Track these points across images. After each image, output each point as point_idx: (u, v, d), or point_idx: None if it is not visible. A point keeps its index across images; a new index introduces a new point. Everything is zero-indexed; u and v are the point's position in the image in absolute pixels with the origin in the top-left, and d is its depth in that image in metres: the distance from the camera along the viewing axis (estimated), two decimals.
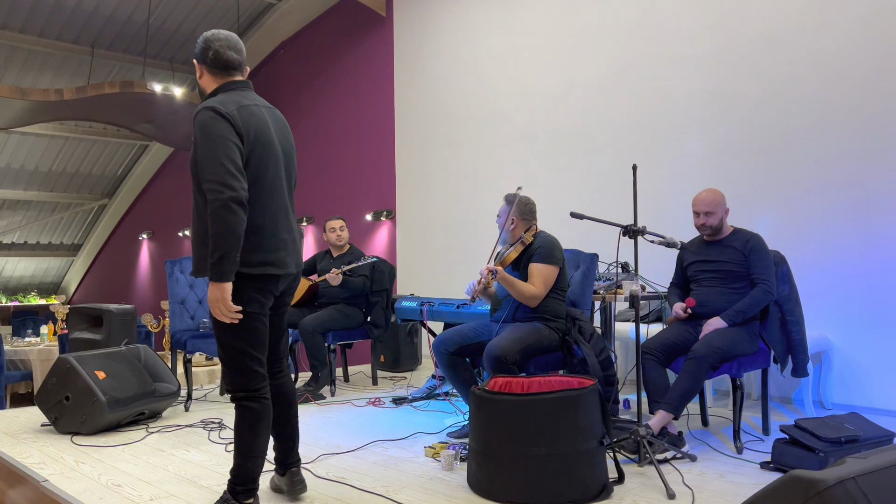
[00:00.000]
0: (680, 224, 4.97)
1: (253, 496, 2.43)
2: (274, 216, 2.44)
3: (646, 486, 2.71)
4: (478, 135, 6.65)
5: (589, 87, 5.76)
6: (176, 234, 12.08)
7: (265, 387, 2.44)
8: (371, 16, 7.96)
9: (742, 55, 4.82)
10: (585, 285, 3.82)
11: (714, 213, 3.50)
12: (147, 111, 9.07)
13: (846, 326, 4.32)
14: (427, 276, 7.10)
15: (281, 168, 2.48)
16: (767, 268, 3.40)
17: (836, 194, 4.38)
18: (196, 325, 4.83)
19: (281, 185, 2.48)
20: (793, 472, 1.53)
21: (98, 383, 3.69)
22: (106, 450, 3.38)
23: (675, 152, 5.17)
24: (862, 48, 4.28)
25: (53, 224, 14.21)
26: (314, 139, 8.97)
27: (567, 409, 2.55)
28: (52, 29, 9.31)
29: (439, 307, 4.44)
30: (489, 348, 3.21)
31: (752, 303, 3.36)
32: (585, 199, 5.71)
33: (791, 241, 4.46)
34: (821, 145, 4.45)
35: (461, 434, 3.48)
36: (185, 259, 4.94)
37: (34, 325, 9.34)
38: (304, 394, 4.58)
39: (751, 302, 3.36)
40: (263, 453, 2.44)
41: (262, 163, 2.40)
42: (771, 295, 3.37)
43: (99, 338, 4.67)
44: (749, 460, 3.08)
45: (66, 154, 12.36)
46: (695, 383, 3.17)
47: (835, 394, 4.35)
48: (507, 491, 2.55)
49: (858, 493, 1.45)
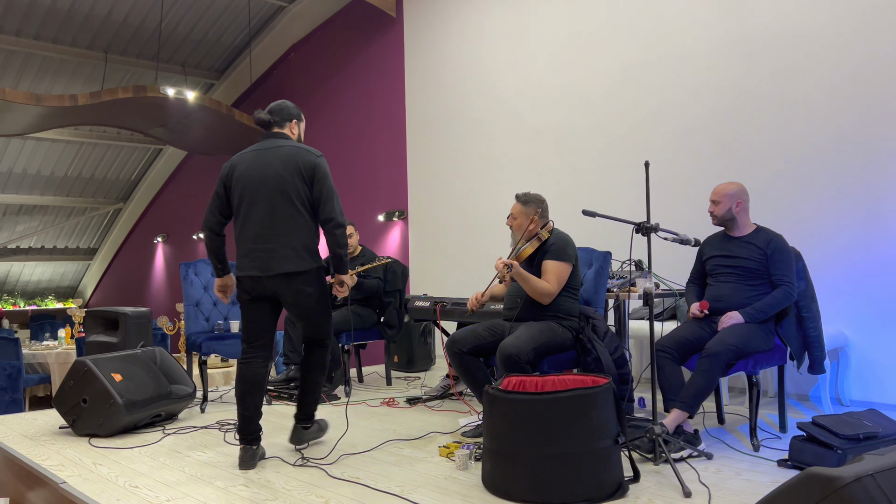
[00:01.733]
0: (693, 221, 4.94)
1: (244, 443, 3.09)
2: (246, 234, 3.18)
3: (661, 484, 2.70)
4: (489, 133, 6.64)
5: (600, 84, 5.74)
6: (190, 237, 12.15)
7: (248, 357, 3.19)
8: (381, 16, 7.98)
9: (754, 50, 4.78)
10: (599, 283, 3.81)
11: (720, 202, 3.48)
12: (160, 115, 9.14)
13: (863, 322, 4.27)
14: (440, 276, 7.10)
15: (257, 197, 3.14)
16: (790, 269, 3.37)
17: (851, 189, 4.34)
18: (211, 326, 4.86)
19: (255, 210, 3.15)
20: (810, 470, 1.52)
21: (115, 386, 3.72)
22: (123, 451, 3.41)
23: (688, 149, 5.14)
24: (873, 42, 4.23)
25: (70, 228, 14.35)
26: (326, 141, 9.00)
27: (581, 408, 2.54)
28: (66, 35, 9.40)
29: (451, 307, 4.44)
30: (502, 347, 3.21)
31: (773, 303, 3.34)
32: (598, 197, 5.69)
33: (807, 237, 4.42)
34: (835, 141, 4.40)
35: (475, 434, 3.48)
36: (200, 262, 4.97)
37: (52, 328, 9.43)
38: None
39: (771, 302, 3.34)
40: (244, 410, 3.09)
41: (237, 198, 3.20)
42: (792, 297, 3.34)
43: (115, 341, 4.71)
44: (766, 458, 3.05)
45: (81, 159, 12.48)
46: (710, 381, 3.15)
47: (853, 390, 4.30)
48: (521, 490, 2.54)
49: (877, 490, 1.44)
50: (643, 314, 4.87)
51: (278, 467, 3.08)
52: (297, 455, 3.26)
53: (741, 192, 3.50)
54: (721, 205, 3.49)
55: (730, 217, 3.50)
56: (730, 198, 3.49)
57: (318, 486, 2.79)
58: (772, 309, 3.34)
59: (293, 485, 2.82)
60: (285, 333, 4.88)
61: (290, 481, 2.86)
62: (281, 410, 4.39)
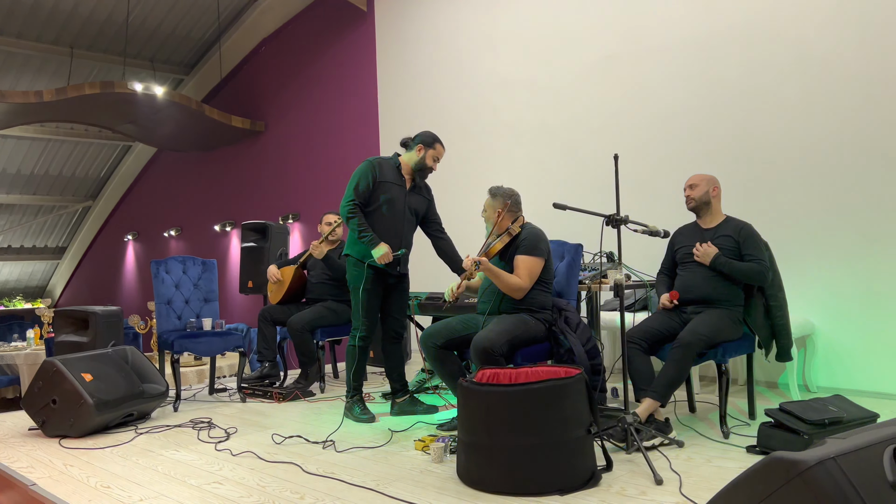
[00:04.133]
0: (663, 213, 4.99)
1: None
2: None
3: (634, 472, 2.74)
4: (462, 128, 6.65)
5: (571, 77, 5.77)
6: (161, 234, 12.00)
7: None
8: (352, 11, 7.93)
9: (722, 43, 4.84)
10: (571, 275, 3.84)
11: (698, 185, 3.54)
12: (129, 111, 9.00)
13: (829, 311, 4.36)
14: (415, 271, 7.09)
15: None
16: (761, 252, 3.43)
17: (817, 179, 4.42)
18: (183, 325, 4.82)
19: None
20: (774, 454, 1.55)
21: (85, 386, 3.67)
22: (94, 452, 3.37)
23: (658, 141, 5.20)
24: (839, 34, 4.31)
25: (37, 227, 14.09)
26: (298, 135, 8.94)
27: (554, 399, 2.57)
28: (30, 30, 9.21)
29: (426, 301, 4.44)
30: (476, 340, 3.23)
31: (745, 269, 3.37)
32: (569, 190, 5.72)
33: (774, 227, 4.50)
34: (800, 130, 4.48)
35: (450, 426, 3.50)
36: (171, 259, 4.92)
37: (20, 329, 9.25)
38: (293, 391, 4.58)
39: (744, 268, 3.37)
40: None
41: None
42: (764, 276, 3.38)
43: (85, 340, 4.64)
44: (736, 445, 3.11)
45: (48, 156, 12.25)
46: (681, 370, 3.20)
47: (819, 377, 4.40)
48: (496, 481, 2.56)
49: (839, 472, 1.47)
50: (615, 305, 4.92)
51: (253, 464, 3.07)
52: (272, 451, 3.25)
53: (715, 179, 3.57)
54: (698, 188, 3.54)
55: (706, 201, 3.54)
56: (707, 181, 3.55)
57: (293, 482, 2.78)
58: (742, 274, 3.37)
59: (268, 481, 2.81)
60: (259, 331, 4.85)
61: (265, 478, 2.86)
62: (255, 408, 4.37)
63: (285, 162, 9.22)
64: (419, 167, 3.93)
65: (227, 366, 6.34)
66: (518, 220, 3.59)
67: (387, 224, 3.86)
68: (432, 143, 3.93)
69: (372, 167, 3.86)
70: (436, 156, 3.94)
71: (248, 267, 5.83)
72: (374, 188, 3.84)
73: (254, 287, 5.76)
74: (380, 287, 3.90)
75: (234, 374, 6.09)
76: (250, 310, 9.69)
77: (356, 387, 3.92)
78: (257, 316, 4.90)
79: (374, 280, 3.84)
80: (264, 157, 9.61)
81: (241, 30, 9.74)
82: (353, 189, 3.84)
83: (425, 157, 3.91)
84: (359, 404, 3.88)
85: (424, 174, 3.97)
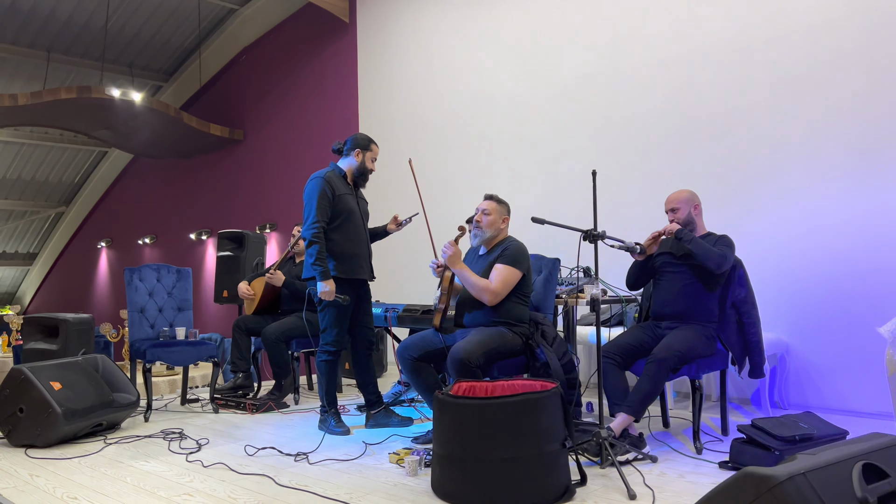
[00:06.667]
0: (640, 229, 5.04)
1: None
2: None
3: (608, 487, 2.75)
4: (441, 140, 6.67)
5: (550, 92, 5.83)
6: (136, 241, 11.85)
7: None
8: (334, 21, 7.95)
9: (701, 63, 4.92)
10: (548, 289, 3.86)
11: (679, 208, 3.56)
12: (105, 117, 8.91)
13: (801, 329, 4.43)
14: (391, 283, 7.08)
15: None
16: (729, 249, 3.44)
17: (792, 199, 4.50)
18: (156, 333, 4.75)
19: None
20: (745, 469, 1.57)
21: (53, 394, 3.60)
22: (62, 462, 3.31)
23: (636, 158, 5.26)
24: (811, 56, 4.41)
25: (8, 232, 13.84)
26: (276, 145, 8.91)
27: (529, 413, 2.57)
28: (6, 33, 9.10)
29: (403, 313, 4.44)
30: (453, 351, 3.22)
31: (707, 250, 3.37)
32: (547, 205, 5.76)
33: (748, 246, 4.56)
34: (776, 151, 4.57)
35: (426, 439, 3.48)
36: (145, 267, 4.86)
37: None
38: (266, 402, 4.53)
39: (705, 247, 3.37)
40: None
41: None
42: (722, 264, 3.37)
43: (55, 348, 4.56)
44: (708, 460, 3.13)
45: (21, 161, 12.07)
46: (655, 386, 3.22)
47: (791, 394, 4.45)
48: (470, 495, 2.55)
49: (808, 488, 1.49)
50: (591, 320, 4.95)
51: (224, 475, 3.03)
52: (245, 463, 3.21)
53: (694, 196, 3.60)
54: (680, 210, 3.57)
55: (689, 220, 3.56)
56: (687, 202, 3.57)
57: (264, 495, 2.75)
58: (702, 250, 3.36)
59: (239, 493, 2.77)
60: (233, 341, 4.80)
61: (237, 490, 2.82)
62: (227, 419, 4.31)
63: (263, 171, 9.17)
64: (360, 171, 3.93)
65: (199, 376, 6.26)
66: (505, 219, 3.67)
67: (352, 235, 3.86)
68: (368, 146, 3.93)
69: (326, 183, 3.80)
70: (373, 157, 3.96)
71: (224, 276, 5.78)
72: (333, 204, 3.81)
73: (229, 297, 5.71)
74: (353, 297, 3.88)
75: (207, 385, 6.01)
76: (225, 320, 9.59)
77: (330, 402, 3.89)
78: (231, 326, 4.85)
79: (346, 291, 3.82)
80: (242, 166, 9.56)
81: (222, 38, 9.70)
82: (318, 210, 3.74)
83: (364, 160, 3.92)
84: (334, 417, 3.85)
85: (366, 177, 3.97)
